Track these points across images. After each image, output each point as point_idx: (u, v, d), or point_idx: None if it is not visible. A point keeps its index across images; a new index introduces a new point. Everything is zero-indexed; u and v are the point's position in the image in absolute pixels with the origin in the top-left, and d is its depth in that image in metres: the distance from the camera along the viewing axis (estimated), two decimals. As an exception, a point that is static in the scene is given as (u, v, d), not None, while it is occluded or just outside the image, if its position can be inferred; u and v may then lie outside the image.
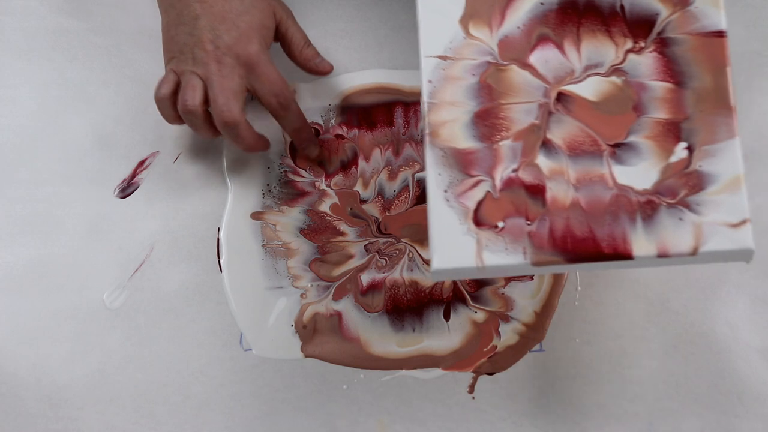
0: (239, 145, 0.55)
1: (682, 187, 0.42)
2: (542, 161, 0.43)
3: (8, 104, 0.61)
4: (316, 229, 0.59)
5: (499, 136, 0.44)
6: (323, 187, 0.59)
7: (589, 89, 0.44)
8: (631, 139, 0.43)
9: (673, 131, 0.43)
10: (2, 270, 0.58)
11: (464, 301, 0.56)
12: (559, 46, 0.45)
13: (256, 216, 0.59)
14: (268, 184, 0.59)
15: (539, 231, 0.42)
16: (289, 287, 0.58)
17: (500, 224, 0.43)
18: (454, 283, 0.57)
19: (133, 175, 0.60)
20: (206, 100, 0.54)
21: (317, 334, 0.56)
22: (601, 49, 0.45)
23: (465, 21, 0.45)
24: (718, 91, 0.44)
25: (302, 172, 0.60)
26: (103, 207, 0.59)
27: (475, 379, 0.55)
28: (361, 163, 0.60)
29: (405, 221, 0.58)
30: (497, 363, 0.55)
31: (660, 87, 0.44)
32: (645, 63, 0.44)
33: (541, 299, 0.56)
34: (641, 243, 0.42)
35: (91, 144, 0.60)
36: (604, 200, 0.43)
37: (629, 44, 0.45)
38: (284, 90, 0.55)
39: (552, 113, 0.44)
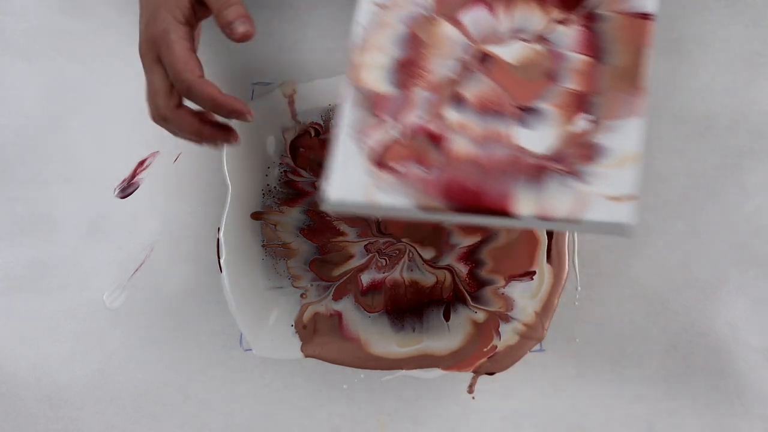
0: (203, 104, 0.48)
1: (577, 157, 0.43)
2: (451, 114, 0.45)
3: (8, 104, 0.61)
4: (316, 229, 0.59)
5: (415, 85, 0.46)
6: None
7: (510, 52, 0.46)
8: (539, 104, 0.45)
9: (580, 102, 0.44)
10: (2, 270, 0.58)
11: (464, 301, 0.57)
12: (491, 8, 0.46)
13: (256, 216, 0.59)
14: (268, 184, 0.60)
15: (433, 179, 0.44)
16: (289, 287, 0.58)
17: (398, 167, 0.44)
18: (454, 283, 0.57)
19: (133, 175, 0.60)
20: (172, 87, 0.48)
21: (317, 334, 0.56)
22: (530, 15, 0.46)
23: None
24: (633, 71, 0.45)
25: (302, 172, 0.60)
26: (103, 207, 0.59)
27: (475, 379, 0.55)
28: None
29: (405, 221, 0.58)
30: (497, 363, 0.55)
31: (578, 59, 0.45)
32: (569, 35, 0.46)
33: (541, 299, 0.56)
34: (526, 203, 0.43)
35: (91, 144, 0.60)
36: (500, 159, 0.44)
37: (557, 14, 0.46)
38: (182, 72, 0.47)
39: (471, 71, 0.46)
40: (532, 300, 0.56)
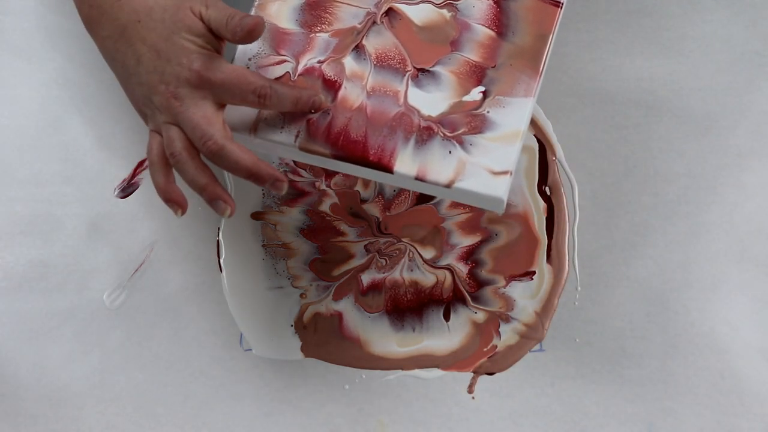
0: (239, 173, 0.45)
1: (464, 125, 0.45)
2: (348, 62, 0.46)
3: (8, 104, 0.61)
4: (316, 229, 0.59)
5: (319, 28, 0.46)
6: (323, 187, 0.59)
7: (417, 13, 0.47)
8: (437, 68, 0.46)
9: (477, 74, 0.46)
10: (2, 270, 0.58)
11: (464, 302, 0.57)
12: None
13: (256, 216, 0.59)
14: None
15: (318, 121, 0.45)
16: (289, 287, 0.58)
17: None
18: (454, 283, 0.57)
19: (133, 175, 0.60)
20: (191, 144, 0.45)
21: (317, 335, 0.56)
22: None
23: None
24: (533, 53, 0.46)
25: (302, 172, 0.60)
26: (103, 207, 0.59)
27: (475, 379, 0.55)
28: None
29: (405, 221, 0.58)
30: (497, 363, 0.55)
31: (482, 32, 0.46)
32: (478, 6, 0.47)
33: (541, 299, 0.56)
34: (405, 161, 0.44)
35: (91, 144, 0.60)
36: (389, 114, 0.45)
37: None
38: (248, 84, 0.45)
39: (376, 23, 0.46)
40: (532, 300, 0.56)
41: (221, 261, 0.57)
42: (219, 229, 0.58)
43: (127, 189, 0.59)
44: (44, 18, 0.63)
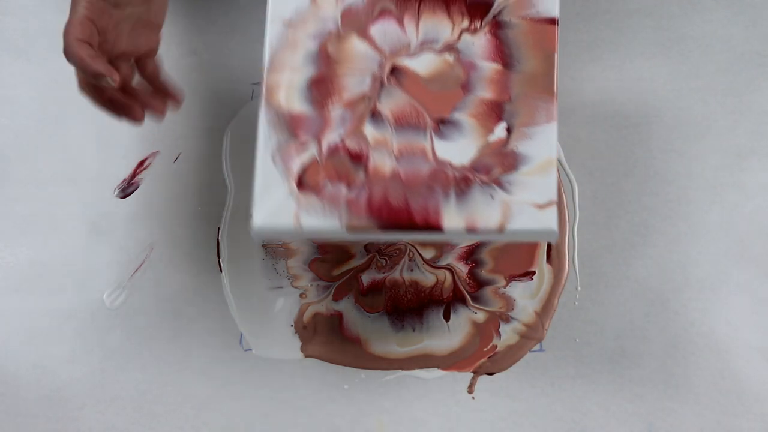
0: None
1: (497, 166, 0.44)
2: (369, 131, 0.45)
3: (8, 104, 0.61)
4: (316, 229, 0.59)
5: (330, 103, 0.45)
6: None
7: (421, 64, 0.46)
8: (455, 115, 0.45)
9: (495, 111, 0.45)
10: (3, 270, 0.58)
11: (464, 302, 0.57)
12: (399, 20, 0.46)
13: (256, 216, 0.59)
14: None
15: (357, 198, 0.44)
16: (289, 287, 0.58)
17: (322, 188, 0.44)
18: (455, 283, 0.57)
19: (133, 175, 0.60)
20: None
21: (317, 334, 0.56)
22: (438, 26, 0.46)
23: None
24: (543, 77, 0.45)
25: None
26: (104, 207, 0.59)
27: (475, 379, 0.55)
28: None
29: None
30: (497, 363, 0.55)
31: (489, 67, 0.45)
32: (478, 43, 0.46)
33: (541, 299, 0.56)
34: (452, 216, 0.43)
35: (91, 144, 0.60)
36: (422, 173, 0.44)
37: (465, 23, 0.46)
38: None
39: (384, 85, 0.46)
40: (532, 300, 0.56)
41: (221, 261, 0.57)
42: (219, 229, 0.58)
43: (127, 189, 0.59)
44: (44, 18, 0.63)
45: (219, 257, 0.58)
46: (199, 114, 0.60)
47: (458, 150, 0.44)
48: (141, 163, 0.60)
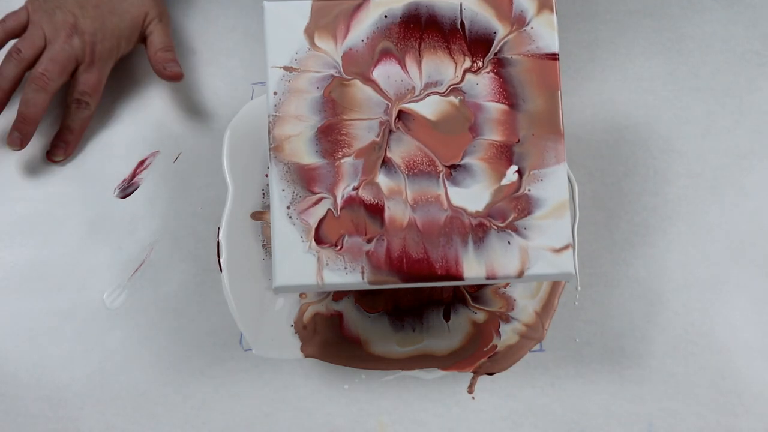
0: (21, 107, 0.56)
1: (512, 211, 0.44)
2: (382, 180, 0.45)
3: (8, 104, 0.61)
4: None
5: (341, 153, 0.45)
6: None
7: (428, 108, 0.45)
8: (466, 160, 0.45)
9: (505, 154, 0.45)
10: (3, 270, 0.58)
11: (464, 302, 0.56)
12: (401, 62, 0.46)
13: (256, 216, 0.59)
14: (268, 184, 0.59)
15: (377, 251, 0.44)
16: (289, 287, 0.57)
17: (340, 243, 0.44)
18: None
19: (133, 174, 0.60)
20: (35, 61, 0.56)
21: (317, 334, 0.56)
22: (441, 66, 0.46)
23: (310, 31, 0.46)
24: (549, 115, 0.45)
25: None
26: (104, 207, 0.59)
27: (475, 379, 0.55)
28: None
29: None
30: (497, 363, 0.55)
31: (495, 108, 0.45)
32: (482, 83, 0.45)
33: (542, 299, 0.56)
34: (472, 265, 0.44)
35: (91, 144, 0.60)
36: (438, 221, 0.44)
37: (468, 63, 0.46)
38: (92, 95, 0.57)
39: (392, 131, 0.45)
40: (532, 300, 0.56)
41: (221, 261, 0.57)
42: (219, 229, 0.58)
43: (127, 189, 0.59)
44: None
45: (219, 257, 0.57)
46: (199, 114, 0.60)
47: (472, 196, 0.44)
48: (141, 163, 0.60)
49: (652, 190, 0.58)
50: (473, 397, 0.55)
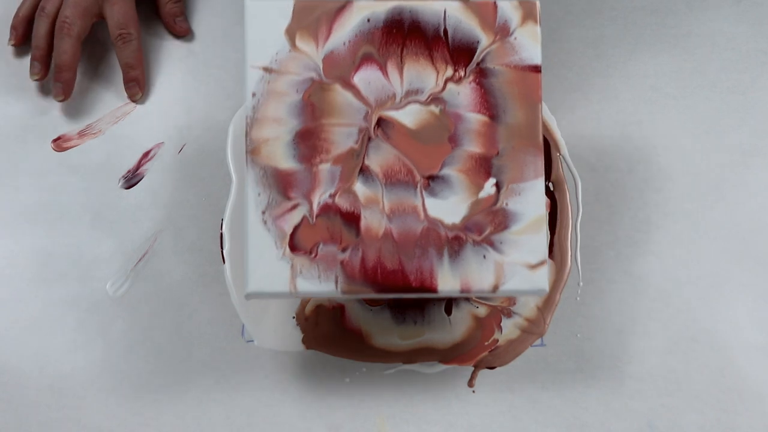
0: (56, 58, 0.58)
1: (489, 225, 0.44)
2: (359, 188, 0.44)
3: (13, 93, 0.61)
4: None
5: (318, 159, 0.44)
6: None
7: (408, 116, 0.44)
8: (445, 171, 0.44)
9: (484, 166, 0.44)
10: (6, 259, 0.58)
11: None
12: (382, 68, 0.45)
13: (259, 208, 0.59)
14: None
15: (351, 260, 0.43)
16: (292, 279, 0.57)
17: (314, 250, 0.43)
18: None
19: (138, 165, 0.60)
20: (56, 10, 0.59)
21: (319, 327, 0.57)
22: (422, 74, 0.45)
23: (291, 32, 0.45)
24: (529, 128, 0.44)
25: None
26: (108, 197, 0.59)
27: (475, 373, 0.55)
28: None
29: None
30: (498, 357, 0.55)
31: (475, 119, 0.44)
32: (463, 93, 0.45)
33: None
34: (446, 278, 0.43)
35: (96, 134, 0.61)
36: (415, 232, 0.43)
37: (450, 72, 0.45)
38: (129, 25, 0.59)
39: (371, 138, 0.44)
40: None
41: (224, 252, 0.58)
42: (222, 220, 0.58)
43: (132, 179, 0.59)
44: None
45: (222, 248, 0.58)
46: (204, 105, 0.61)
47: (449, 208, 0.44)
48: (146, 154, 0.60)
49: (655, 187, 0.58)
50: (474, 391, 0.55)
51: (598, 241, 0.57)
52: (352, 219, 0.44)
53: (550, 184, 0.58)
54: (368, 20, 0.45)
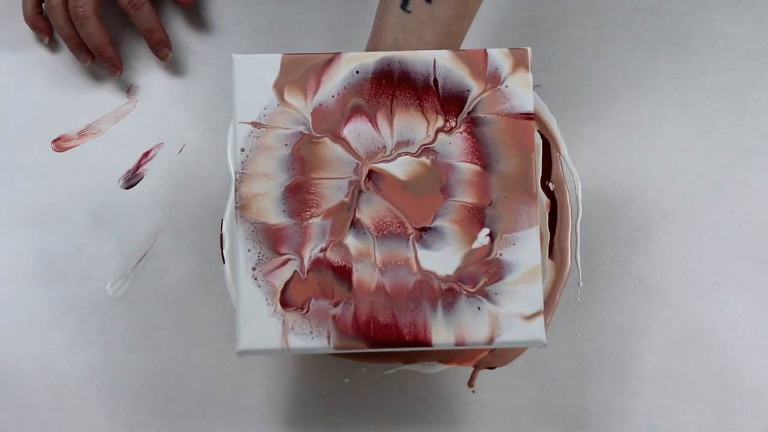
0: (90, 45, 0.59)
1: (483, 276, 0.43)
2: (350, 241, 0.43)
3: (13, 93, 0.61)
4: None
5: (309, 213, 0.44)
6: None
7: (399, 168, 0.44)
8: (437, 223, 0.43)
9: (477, 216, 0.44)
10: (6, 259, 0.58)
11: (466, 296, 0.56)
12: (372, 120, 0.44)
13: (259, 208, 0.59)
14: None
15: (344, 315, 0.43)
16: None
17: (306, 306, 0.43)
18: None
19: (138, 165, 0.60)
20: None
21: (319, 327, 0.56)
22: (413, 125, 0.44)
23: (280, 86, 0.44)
24: (522, 177, 0.44)
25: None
26: (108, 197, 0.59)
27: (475, 373, 0.55)
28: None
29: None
30: (498, 357, 0.55)
31: (467, 169, 0.44)
32: (454, 143, 0.44)
33: (543, 294, 0.56)
34: (440, 331, 0.43)
35: (96, 134, 0.61)
36: (407, 285, 0.43)
37: (440, 122, 0.44)
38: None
39: (362, 191, 0.44)
40: (533, 295, 0.56)
41: (224, 252, 0.57)
42: (222, 220, 0.58)
43: (132, 179, 0.59)
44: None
45: (222, 248, 0.58)
46: (204, 105, 0.61)
47: (442, 259, 0.43)
48: (146, 154, 0.60)
49: (655, 187, 0.58)
50: (474, 391, 0.55)
51: (597, 242, 0.57)
52: (343, 273, 0.43)
53: (550, 184, 0.58)
54: (357, 72, 0.44)
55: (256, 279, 0.43)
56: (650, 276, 0.56)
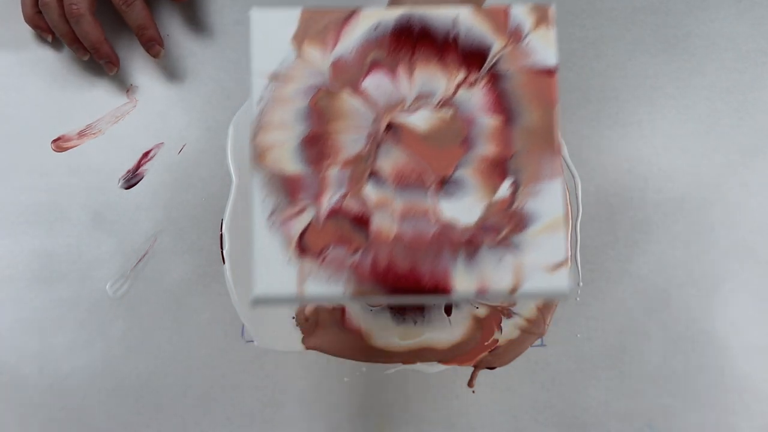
0: (86, 43, 0.59)
1: (505, 226, 0.42)
2: (369, 191, 0.43)
3: (13, 94, 0.61)
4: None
5: (326, 163, 0.43)
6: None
7: (418, 120, 0.44)
8: (458, 173, 0.43)
9: (499, 168, 0.43)
10: (6, 259, 0.58)
11: (466, 296, 0.56)
12: (392, 73, 0.44)
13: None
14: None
15: (362, 263, 0.42)
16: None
17: (323, 254, 0.42)
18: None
19: (138, 165, 0.60)
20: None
21: (319, 327, 0.57)
22: (433, 79, 0.44)
23: (298, 39, 0.44)
24: (545, 130, 0.43)
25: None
26: (108, 197, 0.59)
27: (475, 373, 0.55)
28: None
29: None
30: (498, 357, 0.55)
31: (489, 122, 0.43)
32: (475, 97, 0.44)
33: (543, 294, 0.56)
34: (462, 279, 0.42)
35: (96, 134, 0.61)
36: (427, 235, 0.42)
37: (461, 76, 0.44)
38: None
39: (381, 143, 0.43)
40: (533, 295, 0.56)
41: (224, 252, 0.58)
42: (222, 220, 0.58)
43: (132, 180, 0.59)
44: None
45: (222, 248, 0.58)
46: (204, 106, 0.61)
47: (464, 209, 0.43)
48: (146, 154, 0.60)
49: (655, 187, 0.58)
50: (474, 391, 0.55)
51: (598, 242, 0.57)
52: (361, 222, 0.43)
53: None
54: (376, 27, 0.44)
55: (272, 226, 0.42)
56: (650, 276, 0.57)
